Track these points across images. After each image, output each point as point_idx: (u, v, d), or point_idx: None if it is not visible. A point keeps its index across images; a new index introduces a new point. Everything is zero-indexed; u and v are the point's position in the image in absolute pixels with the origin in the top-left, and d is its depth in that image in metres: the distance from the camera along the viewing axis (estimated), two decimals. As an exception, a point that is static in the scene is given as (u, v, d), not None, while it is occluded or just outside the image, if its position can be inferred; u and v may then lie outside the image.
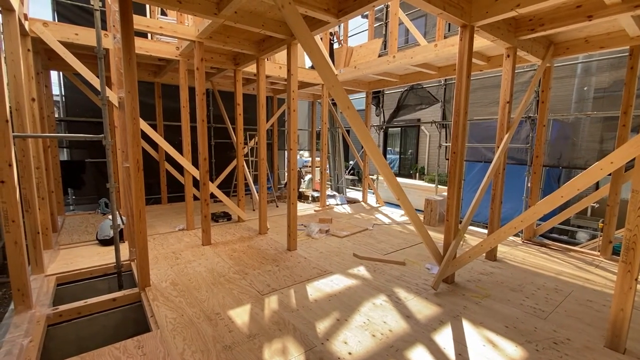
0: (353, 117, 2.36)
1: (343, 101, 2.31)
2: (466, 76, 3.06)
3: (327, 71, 2.27)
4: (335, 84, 2.29)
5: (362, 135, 2.53)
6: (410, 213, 2.91)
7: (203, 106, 4.30)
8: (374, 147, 2.61)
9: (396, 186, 2.78)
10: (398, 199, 2.82)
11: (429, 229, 5.32)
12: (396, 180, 2.80)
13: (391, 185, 2.76)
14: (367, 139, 2.55)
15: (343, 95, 2.33)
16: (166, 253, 4.11)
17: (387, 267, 3.74)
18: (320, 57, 2.31)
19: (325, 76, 2.28)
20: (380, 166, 2.65)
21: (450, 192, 3.22)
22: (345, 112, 2.33)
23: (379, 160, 2.63)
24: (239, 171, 5.70)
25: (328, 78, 2.28)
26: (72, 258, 3.91)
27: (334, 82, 2.28)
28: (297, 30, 2.24)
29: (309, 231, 4.90)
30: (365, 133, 2.54)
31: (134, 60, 2.89)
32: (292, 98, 3.93)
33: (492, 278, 3.49)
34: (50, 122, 5.66)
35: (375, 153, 2.62)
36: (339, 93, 2.30)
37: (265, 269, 3.64)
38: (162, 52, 4.68)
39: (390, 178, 2.72)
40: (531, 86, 4.12)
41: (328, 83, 2.28)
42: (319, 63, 2.30)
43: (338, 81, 2.31)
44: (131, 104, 2.89)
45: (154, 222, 5.59)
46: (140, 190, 3.00)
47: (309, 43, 2.25)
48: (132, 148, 2.94)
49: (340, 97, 2.31)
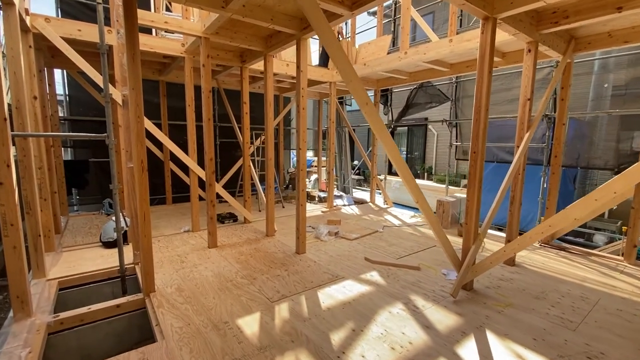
0: (371, 113, 2.21)
1: (361, 96, 2.16)
2: (488, 71, 2.88)
3: (344, 64, 2.11)
4: (353, 77, 2.13)
5: (381, 134, 2.37)
6: (429, 216, 2.75)
7: (209, 104, 4.16)
8: (392, 147, 2.45)
9: (415, 188, 2.62)
10: (417, 202, 2.66)
11: (441, 231, 5.15)
12: (415, 181, 2.64)
13: (410, 187, 2.60)
14: (386, 138, 2.39)
15: (361, 90, 2.17)
16: (171, 256, 3.98)
17: (401, 272, 3.58)
18: (338, 49, 2.15)
19: (342, 69, 2.12)
20: (399, 167, 2.49)
21: (469, 194, 3.05)
22: (364, 108, 2.18)
23: (398, 161, 2.47)
24: (245, 171, 5.57)
25: (346, 71, 2.12)
26: (75, 261, 3.79)
27: (352, 76, 2.12)
28: (314, 20, 2.09)
29: (317, 233, 4.75)
30: (384, 132, 2.38)
31: (138, 56, 2.75)
32: (302, 95, 3.78)
33: (513, 284, 3.32)
34: (54, 121, 5.56)
35: (394, 153, 2.46)
36: (357, 88, 2.15)
37: (274, 273, 3.49)
38: (167, 49, 4.55)
39: (409, 179, 2.56)
40: (552, 83, 3.94)
41: (346, 77, 2.12)
42: (336, 55, 2.14)
43: (356, 75, 2.16)
44: (135, 101, 2.76)
45: (158, 223, 5.47)
46: (144, 192, 2.87)
47: (327, 34, 2.10)
48: (136, 147, 2.80)
49: (359, 92, 2.16)
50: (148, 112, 6.79)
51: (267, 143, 4.65)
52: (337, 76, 6.37)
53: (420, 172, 11.82)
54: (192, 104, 4.81)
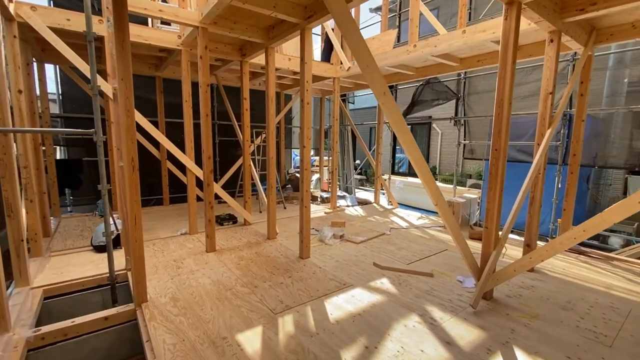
0: (389, 105, 1.96)
1: (379, 85, 1.91)
2: (512, 61, 2.63)
3: (360, 45, 1.86)
4: (369, 63, 1.88)
5: (399, 128, 2.12)
6: (449, 220, 2.50)
7: (207, 99, 3.91)
8: (412, 143, 2.20)
9: (435, 190, 2.37)
10: (436, 204, 2.41)
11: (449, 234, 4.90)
12: (435, 182, 2.39)
13: (430, 189, 2.35)
14: (405, 132, 2.14)
15: (379, 78, 1.92)
16: (166, 261, 3.72)
17: (413, 279, 3.33)
18: (354, 30, 1.90)
19: (358, 53, 1.88)
20: (418, 165, 2.25)
21: (490, 196, 2.80)
22: (381, 98, 1.93)
23: (417, 159, 2.22)
24: (245, 170, 5.31)
25: (362, 56, 1.88)
26: (63, 267, 3.54)
27: (368, 61, 1.87)
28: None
29: (322, 236, 4.49)
30: (403, 125, 2.13)
31: (128, 44, 2.49)
32: (306, 89, 3.53)
33: (535, 293, 3.07)
34: (45, 119, 5.31)
35: (414, 150, 2.21)
36: (374, 75, 1.90)
37: (277, 280, 3.24)
38: (163, 41, 4.29)
39: (429, 180, 2.31)
40: (573, 76, 3.70)
41: (362, 62, 1.87)
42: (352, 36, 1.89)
43: (374, 61, 1.90)
44: (125, 94, 2.50)
45: (154, 225, 5.21)
46: (135, 193, 2.61)
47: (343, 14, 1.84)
48: (126, 144, 2.55)
49: (376, 80, 1.91)
50: (144, 109, 6.55)
51: (269, 141, 4.40)
52: (340, 71, 6.12)
53: (424, 171, 11.57)
54: (190, 100, 4.56)
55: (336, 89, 6.26)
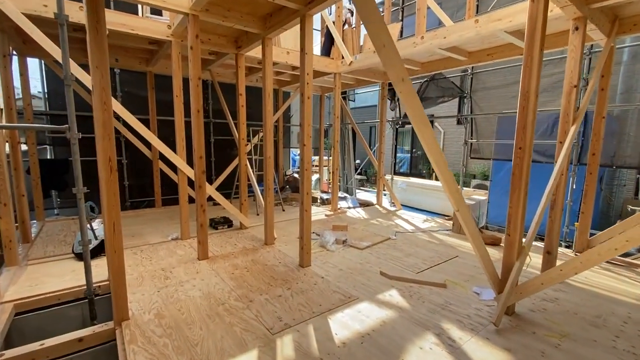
0: (408, 94, 1.66)
1: (397, 69, 1.61)
2: (539, 48, 2.33)
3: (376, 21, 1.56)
4: (387, 42, 1.57)
5: (419, 123, 1.83)
6: (470, 228, 2.21)
7: (198, 94, 3.59)
8: (433, 141, 1.90)
9: (456, 193, 2.08)
10: (457, 210, 2.11)
11: (460, 238, 4.62)
12: (456, 185, 2.09)
13: (451, 193, 2.05)
14: (425, 128, 1.85)
15: (397, 60, 1.62)
16: (154, 270, 3.40)
17: (425, 291, 3.03)
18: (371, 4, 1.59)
19: (374, 29, 1.58)
20: (438, 165, 1.95)
21: (513, 200, 2.50)
22: (399, 85, 1.63)
23: (439, 160, 1.93)
24: (241, 171, 5.00)
25: (378, 33, 1.58)
26: (39, 277, 3.21)
27: (385, 40, 1.57)
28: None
29: (323, 241, 4.19)
30: (423, 119, 1.84)
31: (104, 26, 2.18)
32: (307, 83, 3.23)
33: (560, 306, 2.78)
34: (28, 115, 4.98)
35: (435, 149, 1.92)
36: (392, 58, 1.60)
37: (275, 293, 2.93)
38: (151, 31, 3.97)
39: (450, 183, 2.01)
40: (597, 68, 3.41)
41: (378, 41, 1.58)
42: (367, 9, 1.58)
43: (392, 40, 1.60)
44: (100, 84, 2.19)
45: (144, 230, 4.89)
46: (113, 197, 2.30)
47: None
48: (102, 143, 2.23)
49: (394, 64, 1.61)
50: (134, 106, 6.22)
51: (266, 140, 4.09)
52: (342, 66, 5.81)
53: (426, 172, 11.29)
54: (181, 95, 4.24)
55: (337, 85, 5.96)
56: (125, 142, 6.22)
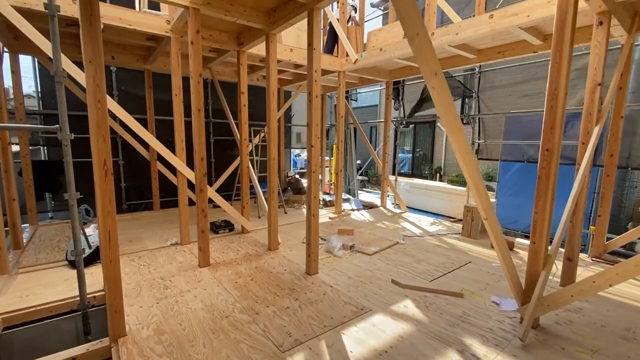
0: (441, 90, 1.49)
1: (430, 62, 1.44)
2: (569, 42, 2.17)
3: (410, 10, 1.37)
4: (420, 31, 1.39)
5: (450, 122, 1.65)
6: (499, 241, 2.04)
7: (199, 92, 3.41)
8: (464, 143, 1.73)
9: (485, 201, 1.90)
10: (485, 219, 1.94)
11: (470, 242, 4.46)
12: (486, 192, 1.92)
13: (480, 199, 1.88)
14: (457, 129, 1.67)
15: (430, 52, 1.45)
16: (153, 279, 3.22)
17: (441, 301, 2.86)
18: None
19: (406, 15, 1.40)
20: (469, 170, 1.78)
21: (539, 205, 2.33)
22: (432, 80, 1.46)
23: (469, 163, 1.76)
24: (243, 172, 4.81)
25: (411, 21, 1.40)
26: (30, 287, 3.02)
27: (419, 29, 1.39)
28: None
29: (329, 247, 4.01)
30: (455, 119, 1.66)
31: (97, 18, 1.99)
32: (315, 80, 3.05)
33: (586, 317, 2.61)
34: (20, 115, 4.77)
35: (465, 152, 1.75)
36: (424, 48, 1.43)
37: (282, 304, 2.75)
38: (149, 26, 3.78)
39: (480, 189, 1.84)
40: (619, 65, 3.26)
41: (411, 30, 1.40)
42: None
43: (425, 29, 1.42)
44: (94, 80, 2.00)
45: (142, 234, 4.69)
46: (109, 204, 2.11)
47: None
48: (96, 144, 2.05)
49: (427, 55, 1.44)
50: (132, 105, 6.02)
51: (270, 139, 3.90)
52: (347, 64, 5.64)
53: (429, 172, 11.13)
54: (180, 94, 4.05)
55: (341, 84, 5.78)
56: (122, 143, 6.02)
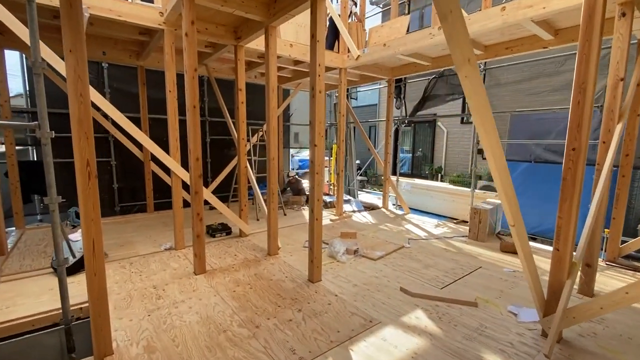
0: (474, 80, 1.30)
1: (462, 47, 1.24)
2: (599, 31, 1.99)
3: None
4: (454, 8, 1.20)
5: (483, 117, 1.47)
6: (524, 247, 1.85)
7: (194, 88, 3.19)
8: (497, 142, 1.54)
9: (514, 206, 1.72)
10: (512, 226, 1.75)
11: (478, 246, 4.28)
12: (516, 198, 1.73)
13: (509, 205, 1.70)
14: (491, 127, 1.49)
15: (463, 35, 1.25)
16: (144, 288, 3.00)
17: (455, 311, 2.67)
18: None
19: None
20: (500, 174, 1.59)
21: (564, 210, 2.15)
22: (464, 68, 1.26)
23: (500, 165, 1.57)
24: (241, 173, 4.60)
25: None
26: (12, 298, 2.80)
27: (453, 6, 1.20)
28: None
29: (332, 251, 3.82)
30: (487, 115, 1.48)
31: (79, 3, 1.78)
32: (318, 75, 2.86)
33: (611, 329, 2.44)
34: (5, 112, 4.54)
35: (498, 152, 1.56)
36: (458, 30, 1.23)
37: (284, 316, 2.55)
38: (142, 18, 3.56)
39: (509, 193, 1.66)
40: (638, 62, 3.08)
41: (444, 7, 1.20)
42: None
43: (459, 8, 1.23)
44: (75, 72, 1.79)
45: (134, 238, 4.47)
46: (93, 209, 1.90)
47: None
48: (78, 142, 1.84)
49: (460, 39, 1.24)
50: (125, 103, 5.78)
51: (270, 138, 3.70)
52: (348, 61, 5.45)
53: (429, 172, 10.97)
54: (174, 90, 3.84)
55: (343, 81, 5.59)
56: (114, 142, 5.78)
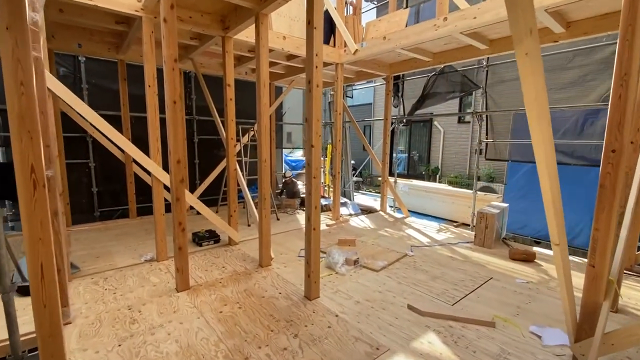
0: (534, 59, 0.98)
1: (527, 14, 0.93)
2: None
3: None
4: None
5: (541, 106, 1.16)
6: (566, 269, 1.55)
7: (175, 81, 2.83)
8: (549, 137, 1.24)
9: (560, 221, 1.41)
10: (557, 244, 1.45)
11: (485, 253, 4.00)
12: (562, 211, 1.43)
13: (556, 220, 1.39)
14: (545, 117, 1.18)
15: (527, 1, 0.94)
16: (118, 309, 2.63)
17: (471, 333, 2.37)
18: None
19: None
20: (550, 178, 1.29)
21: (601, 219, 1.85)
22: (525, 42, 0.90)
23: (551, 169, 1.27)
24: (230, 176, 4.24)
25: None
26: (-42, 324, 2.39)
27: None
28: None
29: (330, 262, 3.49)
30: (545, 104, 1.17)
31: (19, -34, 1.42)
32: (315, 66, 2.52)
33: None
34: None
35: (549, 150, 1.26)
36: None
37: (278, 344, 2.21)
38: (117, 4, 3.18)
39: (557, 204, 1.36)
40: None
41: None
42: None
43: None
44: (13, 54, 1.42)
45: (112, 248, 4.07)
46: (40, 227, 1.54)
47: None
48: (18, 143, 1.48)
49: (524, 5, 0.93)
50: (104, 101, 5.35)
51: (262, 138, 3.35)
52: (345, 56, 5.13)
53: (426, 173, 10.73)
54: (154, 85, 3.48)
55: (339, 78, 5.27)
56: (93, 142, 5.36)
